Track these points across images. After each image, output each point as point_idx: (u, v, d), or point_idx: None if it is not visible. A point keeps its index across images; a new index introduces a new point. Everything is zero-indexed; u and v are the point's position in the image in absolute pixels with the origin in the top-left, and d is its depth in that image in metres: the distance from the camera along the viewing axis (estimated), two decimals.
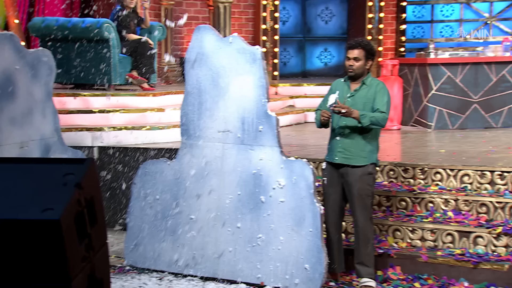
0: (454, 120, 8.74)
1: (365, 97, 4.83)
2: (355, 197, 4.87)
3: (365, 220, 4.89)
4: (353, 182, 4.86)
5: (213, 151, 5.25)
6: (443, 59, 8.73)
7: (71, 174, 2.54)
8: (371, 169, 4.91)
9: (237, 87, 5.11)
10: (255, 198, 5.08)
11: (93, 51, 8.31)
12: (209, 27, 5.28)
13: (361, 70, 4.86)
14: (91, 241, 2.61)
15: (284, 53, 12.90)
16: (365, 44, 4.87)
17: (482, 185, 5.79)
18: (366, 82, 4.87)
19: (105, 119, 7.60)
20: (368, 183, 4.88)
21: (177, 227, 5.32)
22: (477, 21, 12.32)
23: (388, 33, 12.44)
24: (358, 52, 4.84)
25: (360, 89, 4.86)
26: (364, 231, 4.91)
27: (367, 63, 4.88)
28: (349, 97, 4.87)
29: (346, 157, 4.88)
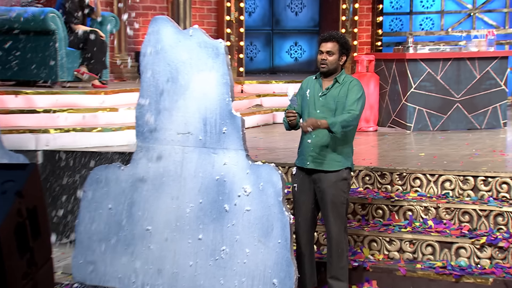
0: (434, 121, 8.86)
1: (337, 96, 4.86)
2: (328, 205, 4.90)
3: (339, 230, 4.93)
4: (326, 189, 4.90)
5: (172, 155, 5.23)
6: (423, 54, 8.85)
7: (11, 181, 2.52)
8: (346, 174, 4.94)
9: (198, 85, 5.11)
10: (218, 206, 5.07)
11: (37, 44, 8.22)
12: (167, 18, 5.26)
13: (335, 66, 4.89)
14: (33, 256, 2.58)
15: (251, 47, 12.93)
16: (340, 37, 4.91)
17: (465, 191, 5.88)
18: (339, 80, 4.90)
19: (51, 119, 7.52)
20: (343, 190, 4.92)
21: (132, 240, 5.28)
22: (460, 13, 12.53)
23: (363, 26, 12.57)
24: (332, 45, 4.87)
25: (332, 88, 4.89)
26: (337, 242, 4.94)
27: (341, 59, 4.91)
28: (320, 96, 4.89)
29: (318, 161, 4.91)
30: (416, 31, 12.66)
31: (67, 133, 7.27)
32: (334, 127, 4.74)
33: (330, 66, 4.88)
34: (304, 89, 5.01)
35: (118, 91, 8.31)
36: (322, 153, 4.89)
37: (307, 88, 4.98)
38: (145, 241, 5.26)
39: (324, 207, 4.94)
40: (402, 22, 12.82)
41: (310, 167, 4.93)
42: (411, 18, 12.71)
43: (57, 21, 8.22)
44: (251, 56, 12.91)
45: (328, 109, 4.85)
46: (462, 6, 12.51)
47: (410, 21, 12.71)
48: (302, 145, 5.02)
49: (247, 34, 12.13)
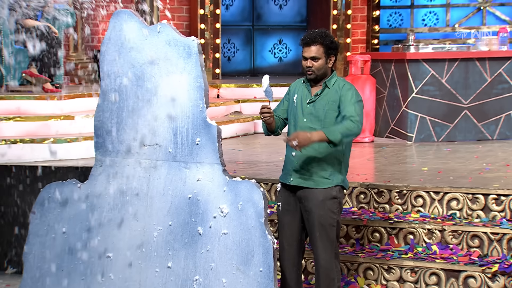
0: (439, 131, 8.94)
1: (327, 103, 4.87)
2: (315, 227, 4.92)
3: (328, 257, 4.95)
4: (313, 208, 4.91)
5: (136, 170, 5.24)
6: (426, 54, 8.93)
7: None
8: (336, 193, 4.93)
9: (168, 89, 5.12)
10: (190, 229, 5.08)
11: None
12: (131, 12, 5.28)
13: (323, 71, 4.91)
14: None
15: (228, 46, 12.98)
16: (323, 37, 4.89)
17: (474, 211, 5.94)
18: (328, 84, 4.92)
19: None
20: (332, 210, 4.92)
21: (90, 269, 5.27)
22: (468, 6, 12.67)
23: (358, 21, 12.66)
24: (316, 49, 4.87)
25: (321, 94, 4.92)
26: (327, 271, 4.96)
27: (329, 61, 4.93)
28: (308, 104, 4.92)
29: (303, 177, 4.93)
30: (418, 27, 12.78)
31: (14, 145, 7.25)
32: (332, 135, 4.68)
33: (318, 72, 4.89)
34: (291, 93, 5.04)
35: (74, 96, 8.30)
36: (308, 168, 4.90)
37: (295, 93, 4.99)
38: (105, 270, 5.25)
39: (311, 230, 4.95)
40: (402, 17, 12.94)
41: (294, 183, 4.95)
42: (412, 13, 12.84)
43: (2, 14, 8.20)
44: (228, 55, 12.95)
45: (316, 118, 4.88)
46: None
47: (411, 16, 12.83)
48: (286, 158, 5.04)
49: (224, 31, 12.17)
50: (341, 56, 12.28)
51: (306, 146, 4.71)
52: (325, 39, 4.87)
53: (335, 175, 4.92)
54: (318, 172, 4.89)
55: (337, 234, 4.98)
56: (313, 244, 4.98)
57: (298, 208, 5.01)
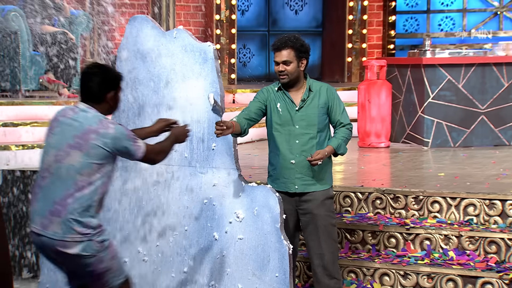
0: (456, 136, 8.90)
1: (317, 107, 4.93)
2: (319, 228, 4.96)
3: (332, 256, 4.97)
4: (314, 210, 4.96)
5: (153, 175, 5.25)
6: (442, 59, 8.90)
7: None
8: (332, 192, 5.09)
9: (184, 94, 5.14)
10: (206, 234, 5.09)
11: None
12: (147, 18, 5.30)
13: (296, 74, 4.94)
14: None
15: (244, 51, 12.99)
16: (293, 41, 4.92)
17: (491, 217, 5.91)
18: (312, 88, 4.97)
19: (12, 134, 7.53)
20: (331, 210, 5.02)
21: None
22: (485, 11, 12.62)
23: (373, 26, 12.64)
24: (287, 53, 4.90)
25: (308, 98, 4.95)
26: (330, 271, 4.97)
27: (301, 64, 4.94)
28: (298, 110, 4.94)
29: (307, 183, 4.97)
30: (434, 32, 12.74)
31: (31, 150, 7.28)
32: (340, 149, 4.92)
33: (291, 76, 4.93)
34: (270, 101, 4.98)
35: None
36: (310, 173, 4.95)
37: (276, 101, 4.97)
38: None
39: (313, 231, 4.98)
40: (418, 22, 12.90)
41: (299, 190, 4.97)
42: (429, 17, 12.80)
43: (20, 20, 8.26)
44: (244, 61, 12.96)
45: (308, 123, 4.92)
46: (487, 3, 12.60)
47: (427, 21, 12.80)
48: (281, 167, 4.99)
49: (240, 36, 12.18)
50: (357, 61, 12.26)
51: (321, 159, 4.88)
52: (295, 42, 4.91)
53: (330, 176, 5.06)
54: (318, 175, 4.97)
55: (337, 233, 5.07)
56: (316, 245, 4.98)
57: (295, 214, 5.02)
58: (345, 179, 6.89)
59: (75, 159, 4.10)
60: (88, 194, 4.11)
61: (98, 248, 4.13)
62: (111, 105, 4.29)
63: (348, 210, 6.23)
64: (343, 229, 5.96)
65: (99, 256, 4.13)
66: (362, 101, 8.93)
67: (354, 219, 6.04)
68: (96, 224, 4.15)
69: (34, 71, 8.40)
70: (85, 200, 4.10)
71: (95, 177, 4.11)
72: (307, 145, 4.90)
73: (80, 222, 4.08)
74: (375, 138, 8.93)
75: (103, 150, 4.11)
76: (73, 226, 4.07)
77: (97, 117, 4.18)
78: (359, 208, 6.21)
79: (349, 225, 5.97)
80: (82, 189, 4.10)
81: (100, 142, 4.10)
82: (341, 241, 5.96)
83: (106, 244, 4.17)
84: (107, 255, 4.17)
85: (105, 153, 4.12)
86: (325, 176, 5.00)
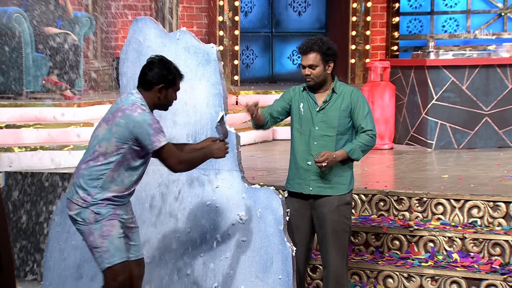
0: (460, 138, 8.89)
1: (338, 109, 4.89)
2: (329, 233, 4.93)
3: (340, 263, 4.94)
4: (328, 214, 4.92)
5: (155, 177, 5.25)
6: (446, 60, 8.89)
7: None
8: (349, 198, 5.00)
9: (187, 96, 5.14)
10: (209, 237, 5.08)
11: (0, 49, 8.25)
12: (150, 19, 5.30)
13: (322, 77, 4.92)
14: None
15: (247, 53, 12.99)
16: (319, 45, 4.88)
17: (495, 219, 5.90)
18: (336, 91, 4.93)
19: (14, 136, 7.53)
20: (345, 215, 4.96)
21: None
22: (489, 12, 12.60)
23: (377, 28, 12.63)
24: (313, 57, 4.88)
25: (330, 100, 4.92)
26: (338, 277, 4.95)
27: (328, 67, 4.91)
28: (318, 112, 4.92)
29: (322, 186, 4.93)
30: (438, 33, 12.73)
31: (33, 152, 7.28)
32: (354, 155, 4.85)
33: (317, 80, 4.91)
34: (294, 101, 5.00)
35: (94, 103, 8.33)
36: (327, 177, 4.91)
37: (300, 101, 4.98)
38: None
39: (324, 236, 4.96)
40: (421, 23, 12.89)
41: (314, 192, 4.94)
42: (432, 19, 12.79)
43: (23, 22, 8.26)
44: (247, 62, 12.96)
45: (328, 125, 4.89)
46: (491, 5, 12.59)
47: (431, 22, 12.79)
48: (298, 168, 4.99)
49: (243, 37, 12.18)
50: (360, 63, 12.25)
51: (330, 165, 4.83)
52: (322, 46, 4.87)
53: (349, 180, 4.98)
54: (336, 179, 4.91)
55: (348, 240, 5.01)
56: (325, 251, 4.97)
57: (309, 216, 5.00)
58: None
59: (100, 131, 4.38)
60: (99, 166, 4.35)
61: (90, 219, 4.33)
62: (160, 98, 4.45)
63: (352, 212, 6.21)
64: None
65: (90, 227, 4.34)
66: None
67: (357, 221, 6.03)
68: (101, 198, 4.34)
69: (37, 73, 8.39)
70: (95, 170, 4.35)
71: (112, 153, 4.34)
72: (325, 148, 4.86)
73: (85, 189, 4.34)
74: (378, 139, 8.90)
75: (123, 130, 4.31)
76: (78, 190, 4.37)
77: (133, 100, 4.39)
78: (362, 210, 6.20)
79: (352, 227, 5.95)
80: (96, 159, 4.35)
81: (123, 121, 4.31)
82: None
83: (98, 218, 4.33)
84: (98, 230, 4.33)
85: (125, 134, 4.31)
86: (342, 181, 4.93)
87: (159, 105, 4.50)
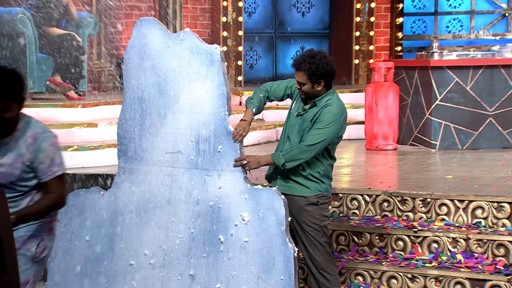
0: (464, 138, 8.88)
1: (309, 121, 4.93)
2: (300, 233, 5.02)
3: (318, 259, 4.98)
4: (295, 215, 5.00)
5: (159, 177, 5.25)
6: (450, 61, 8.89)
7: None
8: (318, 199, 5.00)
9: (190, 97, 5.14)
10: (212, 237, 5.08)
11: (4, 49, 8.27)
12: (154, 20, 5.30)
13: (312, 93, 4.93)
14: None
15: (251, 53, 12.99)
16: (309, 63, 4.84)
17: (500, 220, 5.89)
18: (317, 104, 4.94)
19: None
20: (313, 216, 4.98)
21: (113, 276, 5.29)
22: (493, 13, 12.59)
23: (381, 28, 12.63)
24: (301, 75, 4.89)
25: (309, 109, 4.97)
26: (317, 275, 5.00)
27: (317, 85, 4.89)
28: (297, 116, 5.00)
29: (286, 185, 5.01)
30: (442, 34, 12.72)
31: None
32: (277, 160, 4.91)
33: (307, 95, 4.96)
34: (294, 96, 5.10)
35: (98, 104, 8.34)
36: (290, 177, 4.98)
37: (295, 100, 5.09)
38: (128, 277, 5.27)
39: (297, 235, 5.04)
40: (425, 24, 12.88)
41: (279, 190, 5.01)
42: (436, 19, 12.78)
43: (27, 23, 8.27)
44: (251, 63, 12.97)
45: (297, 132, 4.95)
46: (495, 5, 12.58)
47: (435, 23, 12.78)
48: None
49: (247, 38, 12.19)
50: (364, 63, 12.25)
51: (255, 168, 4.98)
52: (310, 66, 4.83)
53: (316, 185, 4.99)
54: (299, 180, 4.98)
55: (323, 239, 5.01)
56: (303, 249, 5.05)
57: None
58: (352, 181, 6.89)
59: None
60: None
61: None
62: None
63: (356, 212, 6.22)
64: (350, 231, 5.96)
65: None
66: (370, 103, 8.92)
67: (361, 222, 6.03)
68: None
69: (41, 74, 8.41)
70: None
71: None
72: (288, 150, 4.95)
73: None
74: (382, 140, 8.92)
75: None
76: None
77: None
78: (366, 211, 6.20)
79: (356, 227, 5.96)
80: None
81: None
82: (348, 244, 5.96)
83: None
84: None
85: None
86: (307, 184, 4.97)
87: None
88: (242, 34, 11.62)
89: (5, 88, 3.85)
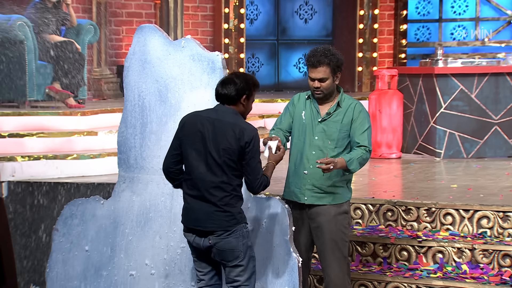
0: (469, 147, 8.88)
1: (340, 123, 4.89)
2: (327, 244, 4.93)
3: (341, 274, 4.94)
4: (325, 224, 4.92)
5: (160, 186, 5.25)
6: (455, 68, 8.89)
7: None
8: (347, 207, 4.99)
9: (192, 104, 5.14)
10: None
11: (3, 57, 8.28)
12: (155, 27, 5.31)
13: (331, 89, 4.93)
14: None
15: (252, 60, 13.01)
16: (329, 57, 4.86)
17: (505, 230, 5.89)
18: (341, 104, 4.93)
19: (18, 145, 7.55)
20: (344, 225, 4.95)
21: (113, 287, 5.28)
22: (498, 20, 12.60)
23: (384, 35, 12.64)
24: (323, 70, 4.86)
25: (334, 113, 4.92)
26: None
27: (336, 78, 4.92)
28: (320, 122, 4.92)
29: (317, 196, 4.93)
30: (447, 41, 12.73)
31: (37, 161, 7.29)
32: (352, 165, 4.80)
33: (326, 92, 4.91)
34: (297, 108, 5.02)
35: (98, 112, 8.35)
36: (322, 187, 4.92)
37: (302, 109, 4.99)
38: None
39: (322, 247, 4.96)
40: (430, 31, 12.89)
41: (308, 202, 4.94)
42: (441, 26, 12.79)
43: (27, 30, 8.29)
44: (253, 70, 12.99)
45: (327, 136, 4.89)
46: (500, 12, 12.59)
47: (439, 30, 12.79)
48: (294, 176, 5.01)
49: (249, 45, 12.21)
50: (368, 71, 12.26)
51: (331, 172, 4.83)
52: (331, 58, 4.85)
53: (345, 191, 4.98)
54: (331, 189, 4.92)
55: (347, 250, 5.02)
56: (324, 261, 4.98)
57: (307, 226, 5.00)
58: (356, 190, 6.87)
59: None
60: None
61: None
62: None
63: (359, 222, 6.21)
64: (354, 241, 5.94)
65: None
66: (373, 111, 8.92)
67: (365, 232, 6.03)
68: None
69: (41, 81, 8.42)
70: None
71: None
72: (321, 156, 4.86)
73: None
74: (386, 149, 8.92)
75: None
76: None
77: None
78: (370, 220, 6.20)
79: (360, 237, 5.95)
80: None
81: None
82: (351, 254, 5.94)
83: None
84: None
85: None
86: (338, 190, 4.93)
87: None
88: (244, 41, 11.64)
89: None
